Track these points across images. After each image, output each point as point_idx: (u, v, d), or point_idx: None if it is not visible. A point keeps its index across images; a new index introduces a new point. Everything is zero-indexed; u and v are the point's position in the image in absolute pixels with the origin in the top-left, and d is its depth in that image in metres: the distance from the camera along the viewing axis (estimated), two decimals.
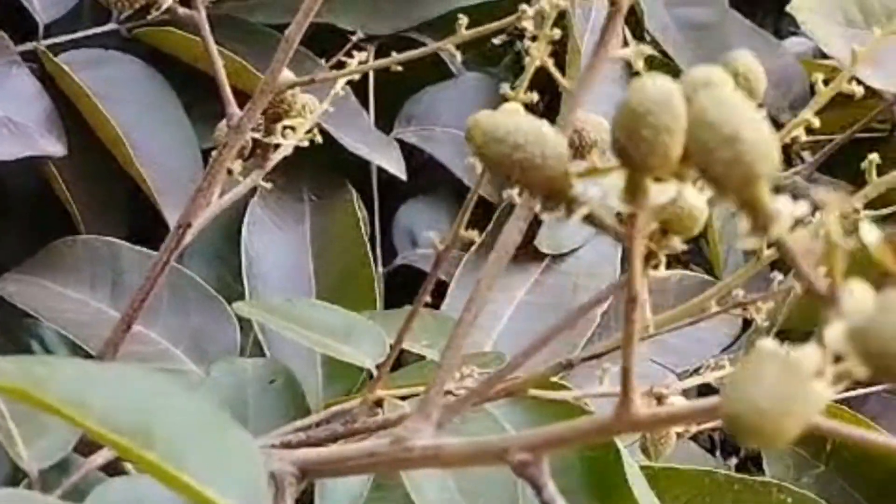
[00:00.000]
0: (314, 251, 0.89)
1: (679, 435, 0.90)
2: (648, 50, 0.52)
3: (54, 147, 0.84)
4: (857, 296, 0.35)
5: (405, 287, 0.91)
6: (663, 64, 1.17)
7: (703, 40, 1.22)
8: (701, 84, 0.42)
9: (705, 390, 1.01)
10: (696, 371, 0.99)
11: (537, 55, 0.62)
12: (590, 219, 0.46)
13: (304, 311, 0.73)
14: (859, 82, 0.66)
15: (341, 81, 0.77)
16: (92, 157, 0.87)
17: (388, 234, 0.96)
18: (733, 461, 0.98)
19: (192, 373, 0.79)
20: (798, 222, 0.36)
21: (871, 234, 0.34)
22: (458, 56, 0.71)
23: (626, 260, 0.98)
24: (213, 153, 0.71)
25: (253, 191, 0.91)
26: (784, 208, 0.36)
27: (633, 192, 0.43)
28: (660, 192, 0.43)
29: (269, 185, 0.76)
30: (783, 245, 0.36)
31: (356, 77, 0.76)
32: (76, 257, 0.83)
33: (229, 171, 0.76)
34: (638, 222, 0.44)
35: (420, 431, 0.55)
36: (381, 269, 0.93)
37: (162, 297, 0.82)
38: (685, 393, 0.97)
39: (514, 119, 0.44)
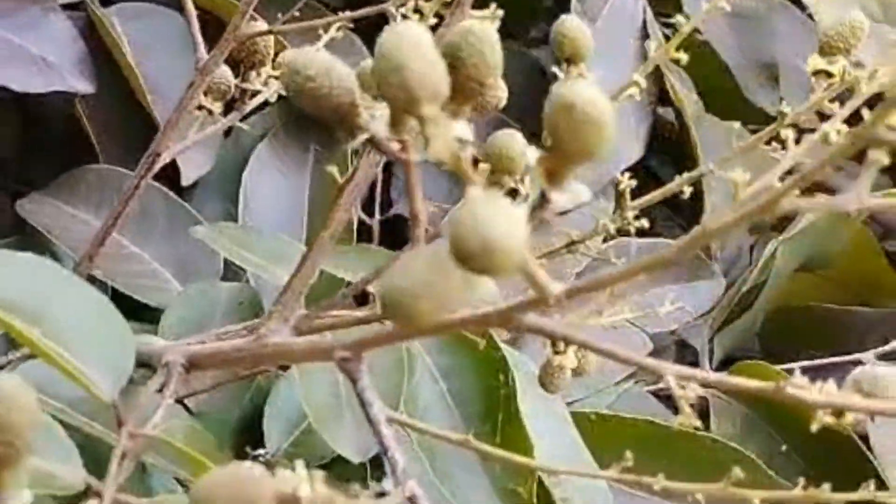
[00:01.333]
0: (310, 196, 0.97)
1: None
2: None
3: (83, 85, 0.94)
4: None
5: (400, 236, 0.99)
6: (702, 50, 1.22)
7: (747, 28, 1.26)
8: (464, 31, 0.49)
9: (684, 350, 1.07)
10: (672, 333, 1.04)
11: None
12: (373, 143, 0.53)
13: (252, 238, 0.82)
14: None
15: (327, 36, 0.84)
16: (119, 99, 0.96)
17: (387, 186, 1.04)
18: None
19: (174, 291, 0.89)
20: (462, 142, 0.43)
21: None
22: None
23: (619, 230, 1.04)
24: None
25: (262, 137, 1.00)
26: (453, 130, 0.43)
27: (395, 123, 0.50)
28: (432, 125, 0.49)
29: (246, 126, 0.85)
30: (439, 160, 0.43)
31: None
32: (89, 183, 0.93)
33: (209, 112, 0.85)
34: (408, 148, 0.50)
35: (277, 332, 0.63)
36: (377, 217, 1.01)
37: (157, 223, 0.92)
38: (660, 353, 1.03)
39: (311, 55, 0.52)
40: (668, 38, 1.20)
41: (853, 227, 1.08)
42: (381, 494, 0.50)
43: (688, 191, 0.80)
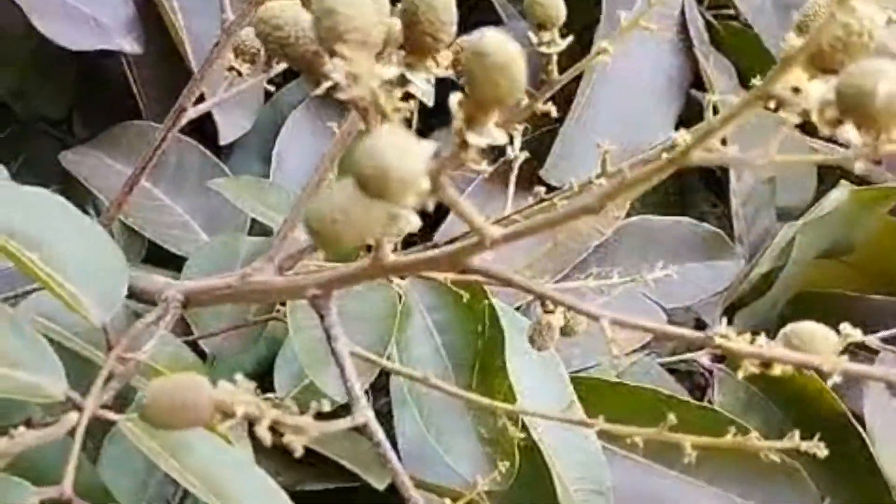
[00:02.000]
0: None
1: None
2: None
3: (130, 45, 0.99)
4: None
5: None
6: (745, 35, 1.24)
7: (791, 14, 1.28)
8: None
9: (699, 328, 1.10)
10: (688, 309, 1.07)
11: None
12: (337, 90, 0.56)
13: (272, 193, 0.87)
14: None
15: None
16: (164, 59, 1.01)
17: None
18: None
19: (202, 242, 0.94)
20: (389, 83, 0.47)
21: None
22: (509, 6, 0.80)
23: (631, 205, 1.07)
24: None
25: (302, 99, 1.05)
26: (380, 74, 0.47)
27: (354, 75, 0.53)
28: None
29: (272, 88, 0.89)
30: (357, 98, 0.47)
31: None
32: (129, 139, 0.99)
33: (238, 73, 0.90)
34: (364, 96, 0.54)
35: (262, 271, 0.68)
36: None
37: (190, 178, 0.97)
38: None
39: (282, 8, 0.56)
40: (709, 23, 1.23)
41: (878, 216, 1.10)
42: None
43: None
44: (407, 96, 0.54)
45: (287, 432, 0.51)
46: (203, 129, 1.03)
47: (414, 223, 0.47)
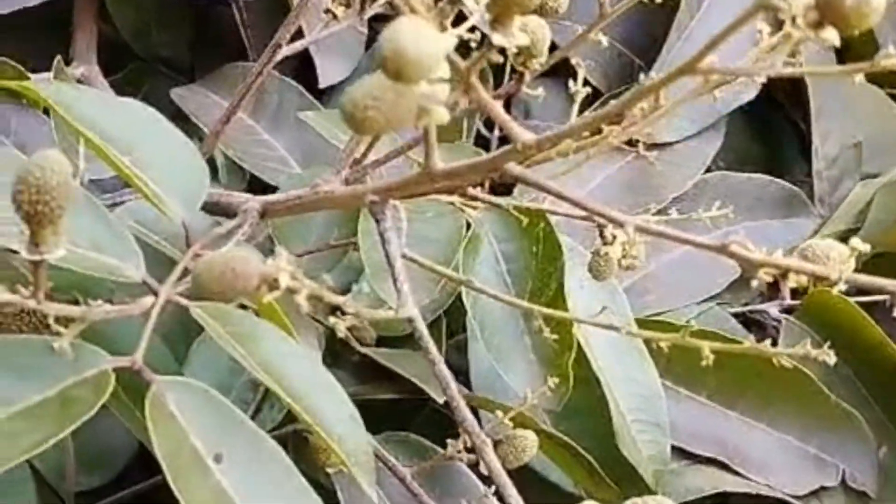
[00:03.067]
0: None
1: None
2: None
3: None
4: None
5: None
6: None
7: None
8: None
9: None
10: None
11: None
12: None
13: None
14: None
15: None
16: (272, 4, 1.08)
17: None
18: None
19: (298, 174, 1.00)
20: None
21: None
22: None
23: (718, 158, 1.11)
24: None
25: None
26: None
27: None
28: None
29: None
30: None
31: None
32: (236, 77, 1.05)
33: (334, 15, 0.96)
34: None
35: (329, 182, 0.73)
36: (496, 133, 1.10)
37: (289, 115, 1.03)
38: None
39: None
40: None
41: None
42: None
43: None
44: None
45: (321, 310, 0.56)
46: (308, 76, 1.09)
47: (443, 116, 0.52)
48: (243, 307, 0.67)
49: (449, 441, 0.80)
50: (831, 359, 0.63)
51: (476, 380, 0.93)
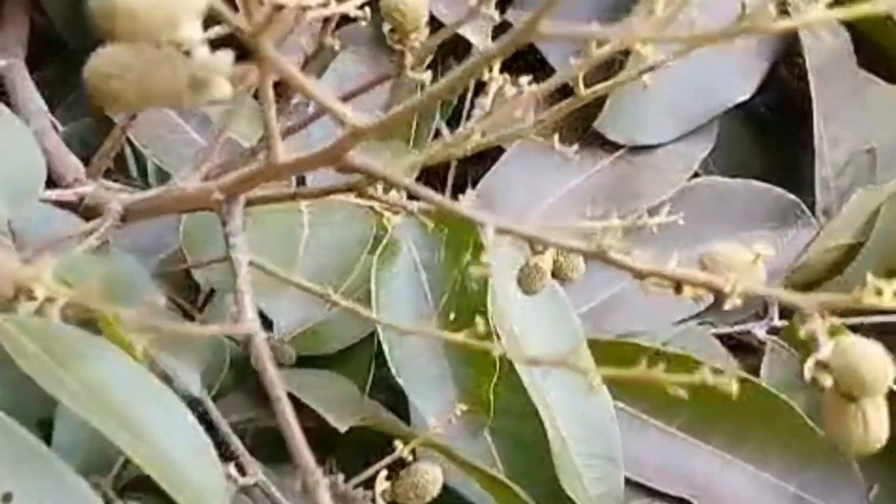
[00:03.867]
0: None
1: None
2: None
3: None
4: None
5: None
6: None
7: None
8: None
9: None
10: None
11: None
12: None
13: None
14: None
15: None
16: None
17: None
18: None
19: None
20: None
21: None
22: None
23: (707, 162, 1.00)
24: None
25: None
26: None
27: None
28: None
29: None
30: None
31: None
32: None
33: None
34: None
35: (187, 179, 0.64)
36: None
37: None
38: None
39: None
40: None
41: None
42: None
43: None
44: None
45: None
46: None
47: (223, 90, 0.43)
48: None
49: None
50: (732, 388, 0.52)
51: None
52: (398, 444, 0.71)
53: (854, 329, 0.52)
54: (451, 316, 0.74)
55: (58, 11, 1.01)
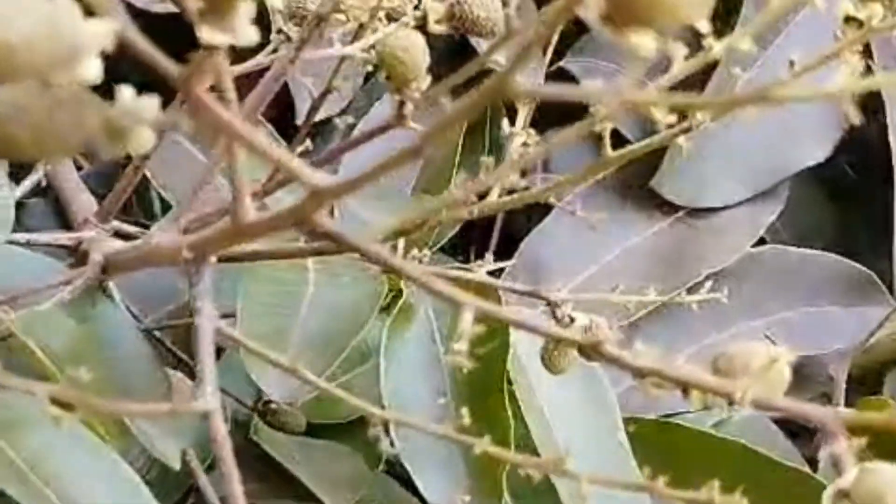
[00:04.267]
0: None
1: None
2: None
3: None
4: None
5: None
6: None
7: None
8: None
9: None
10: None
11: None
12: None
13: None
14: None
15: None
16: None
17: None
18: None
19: None
20: None
21: None
22: None
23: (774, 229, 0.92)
24: None
25: None
26: None
27: None
28: None
29: None
30: None
31: None
32: None
33: (287, 37, 0.81)
34: None
35: (165, 233, 0.58)
36: None
37: None
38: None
39: None
40: None
41: None
42: None
43: None
44: None
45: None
46: None
47: (145, 140, 0.37)
48: None
49: None
50: None
51: None
52: None
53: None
54: (468, 393, 0.67)
55: None
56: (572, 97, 0.36)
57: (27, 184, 0.82)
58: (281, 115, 0.94)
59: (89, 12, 0.35)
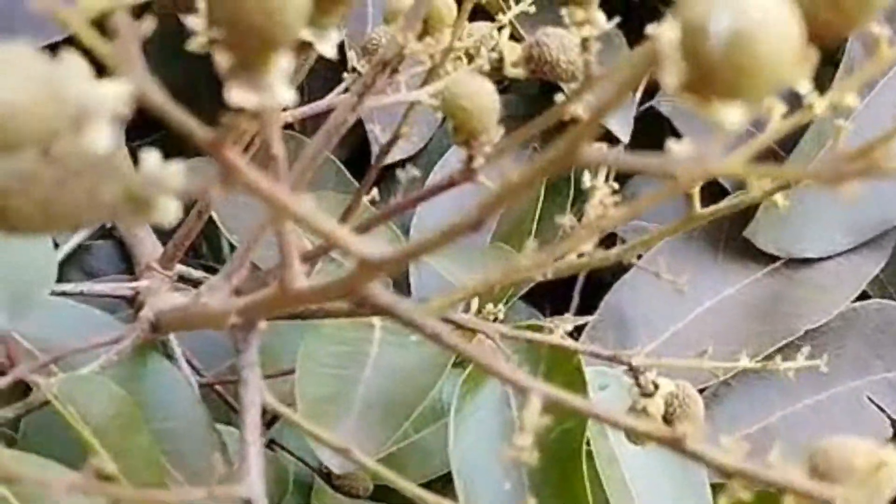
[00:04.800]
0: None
1: None
2: None
3: None
4: None
5: None
6: None
7: None
8: None
9: None
10: None
11: None
12: None
13: None
14: None
15: None
16: None
17: None
18: None
19: None
20: None
21: None
22: None
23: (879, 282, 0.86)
24: None
25: None
26: None
27: None
28: None
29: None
30: None
31: None
32: None
33: (359, 73, 0.77)
34: None
35: (216, 291, 0.54)
36: None
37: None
38: None
39: None
40: None
41: None
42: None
43: None
44: None
45: None
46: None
47: (168, 212, 0.33)
48: None
49: None
50: None
51: None
52: None
53: None
54: (544, 463, 0.62)
55: None
56: (647, 169, 0.31)
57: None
58: (358, 153, 0.91)
59: (103, 71, 0.31)
